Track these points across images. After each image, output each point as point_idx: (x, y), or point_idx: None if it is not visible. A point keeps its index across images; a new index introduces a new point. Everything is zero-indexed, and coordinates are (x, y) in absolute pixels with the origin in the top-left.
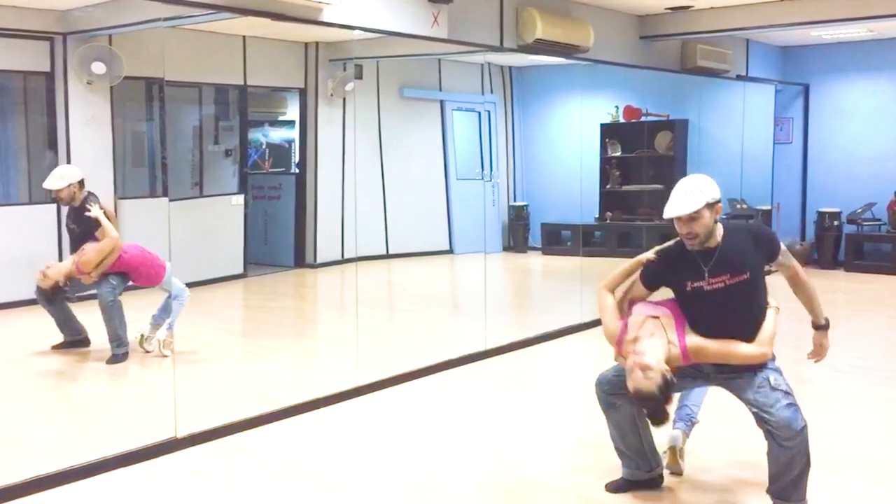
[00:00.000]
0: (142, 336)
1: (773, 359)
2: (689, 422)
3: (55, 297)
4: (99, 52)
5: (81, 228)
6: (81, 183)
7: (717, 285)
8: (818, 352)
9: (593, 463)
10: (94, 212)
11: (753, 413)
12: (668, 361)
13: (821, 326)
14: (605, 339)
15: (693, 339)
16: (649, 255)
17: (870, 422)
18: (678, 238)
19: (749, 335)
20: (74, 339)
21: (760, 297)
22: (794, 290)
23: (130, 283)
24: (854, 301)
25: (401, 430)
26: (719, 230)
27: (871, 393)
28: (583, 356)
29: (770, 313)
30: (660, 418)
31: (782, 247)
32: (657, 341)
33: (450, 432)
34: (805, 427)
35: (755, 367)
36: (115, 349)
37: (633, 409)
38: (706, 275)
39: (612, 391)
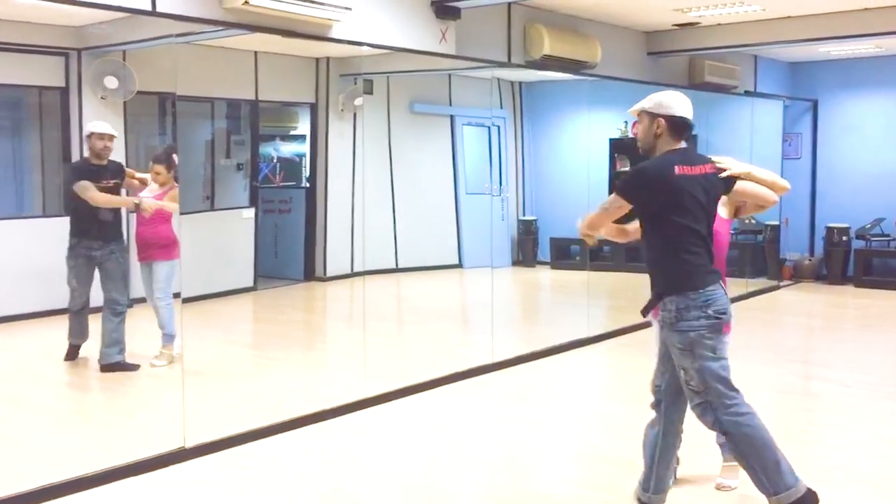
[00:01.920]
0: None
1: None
2: None
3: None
4: (112, 67)
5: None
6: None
7: None
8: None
9: (598, 476)
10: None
11: None
12: None
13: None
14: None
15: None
16: None
17: (876, 437)
18: None
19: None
20: (79, 344)
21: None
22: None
23: None
24: (862, 316)
25: (408, 441)
26: (662, 150)
27: (878, 408)
28: (590, 370)
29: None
30: None
31: (611, 195)
32: None
33: (456, 444)
34: (719, 427)
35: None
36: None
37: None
38: None
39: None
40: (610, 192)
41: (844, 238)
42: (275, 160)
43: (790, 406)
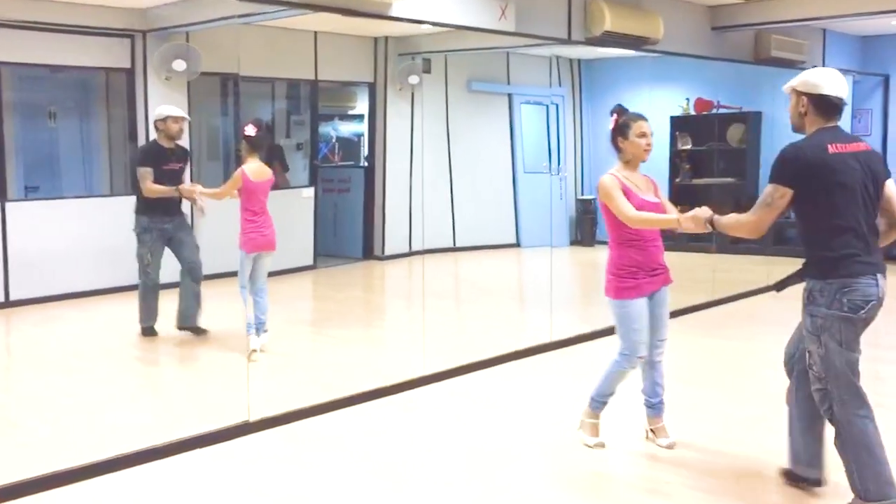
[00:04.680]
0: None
1: None
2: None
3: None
4: (179, 49)
5: (180, 166)
6: None
7: None
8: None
9: (661, 454)
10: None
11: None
12: None
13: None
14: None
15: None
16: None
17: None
18: None
19: None
20: (151, 325)
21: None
22: None
23: None
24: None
25: (466, 419)
26: (810, 129)
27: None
28: None
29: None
30: None
31: (767, 187)
32: None
33: (516, 423)
34: (830, 418)
35: None
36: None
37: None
38: None
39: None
40: (671, 171)
41: None
42: (334, 140)
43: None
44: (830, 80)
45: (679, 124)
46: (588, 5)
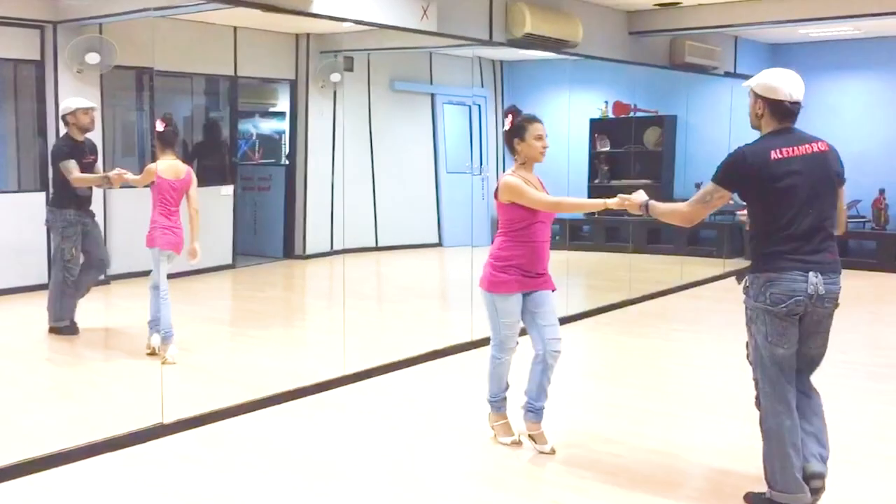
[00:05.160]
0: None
1: None
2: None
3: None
4: (92, 42)
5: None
6: None
7: None
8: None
9: (581, 452)
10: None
11: None
12: None
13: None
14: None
15: None
16: None
17: (854, 416)
18: None
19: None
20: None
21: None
22: None
23: None
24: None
25: (387, 418)
26: (765, 130)
27: (854, 387)
28: (569, 349)
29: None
30: None
31: (707, 183)
32: None
33: (435, 420)
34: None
35: None
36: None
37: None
38: None
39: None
40: (590, 172)
41: None
42: (254, 137)
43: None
44: (787, 84)
45: (598, 127)
46: (509, 7)
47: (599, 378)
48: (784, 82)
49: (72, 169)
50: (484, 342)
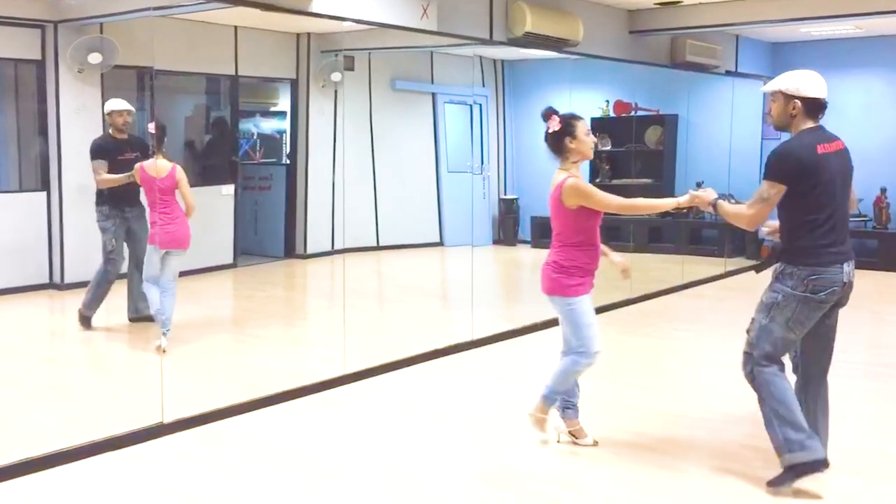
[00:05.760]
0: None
1: None
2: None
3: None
4: (95, 42)
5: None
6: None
7: None
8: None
9: (578, 450)
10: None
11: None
12: None
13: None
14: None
15: None
16: None
17: (854, 416)
18: None
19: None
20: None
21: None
22: None
23: None
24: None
25: (387, 417)
26: (798, 129)
27: (855, 387)
28: None
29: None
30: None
31: (762, 183)
32: None
33: (436, 420)
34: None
35: None
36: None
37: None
38: None
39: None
40: (592, 172)
41: None
42: (255, 136)
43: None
44: (818, 84)
45: (599, 126)
46: (509, 6)
47: (600, 377)
48: (817, 82)
49: (97, 169)
50: (484, 342)
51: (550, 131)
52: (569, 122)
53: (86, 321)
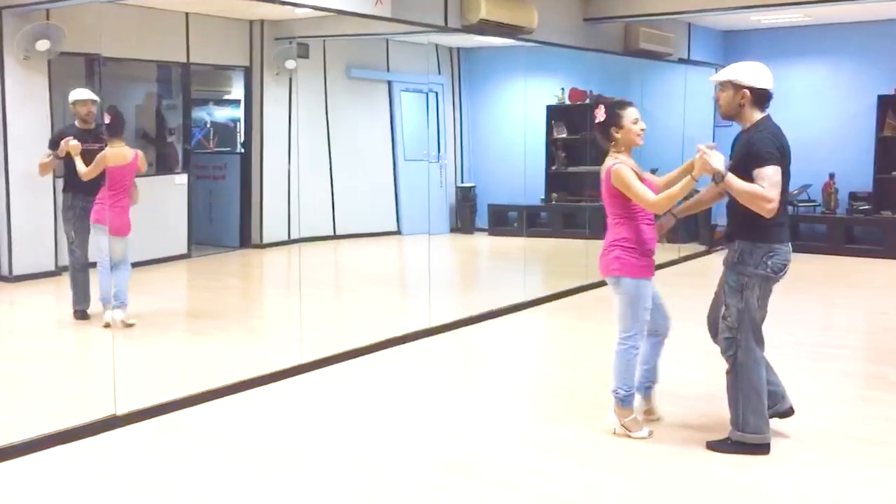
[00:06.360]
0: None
1: None
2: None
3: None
4: (43, 28)
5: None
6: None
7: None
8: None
9: (537, 436)
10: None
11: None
12: None
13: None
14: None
15: None
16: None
17: (803, 396)
18: None
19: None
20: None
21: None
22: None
23: None
24: (789, 280)
25: (344, 406)
26: (752, 120)
27: (803, 368)
28: (526, 334)
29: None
30: None
31: (766, 169)
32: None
33: (393, 408)
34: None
35: None
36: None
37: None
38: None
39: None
40: (548, 159)
41: None
42: (208, 125)
43: (721, 366)
44: (765, 75)
45: (554, 113)
46: None
47: (555, 362)
48: (764, 73)
49: (42, 158)
50: (442, 329)
51: (597, 121)
52: (614, 111)
53: (81, 314)
